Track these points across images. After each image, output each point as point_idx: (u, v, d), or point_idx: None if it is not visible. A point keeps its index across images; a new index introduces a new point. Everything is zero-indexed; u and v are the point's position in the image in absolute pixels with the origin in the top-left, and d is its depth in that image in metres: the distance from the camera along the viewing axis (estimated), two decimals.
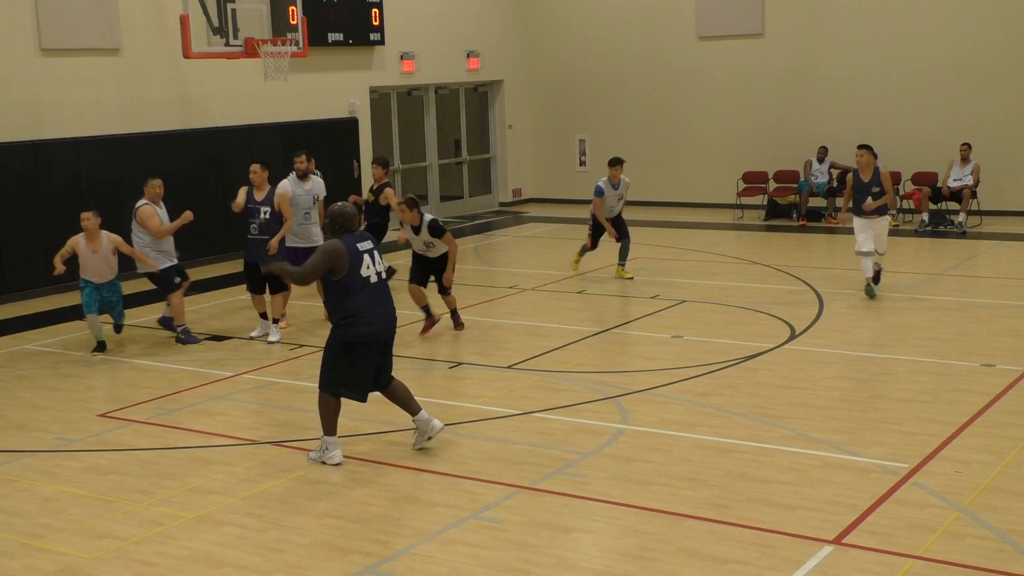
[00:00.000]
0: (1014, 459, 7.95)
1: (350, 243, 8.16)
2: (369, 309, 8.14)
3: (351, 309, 8.10)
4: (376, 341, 8.22)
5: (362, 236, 8.29)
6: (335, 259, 8.05)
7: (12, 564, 6.79)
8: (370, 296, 8.16)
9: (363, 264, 8.15)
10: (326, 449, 8.35)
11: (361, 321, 8.11)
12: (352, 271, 8.09)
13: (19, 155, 15.23)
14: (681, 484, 7.68)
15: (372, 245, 8.30)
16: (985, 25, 19.60)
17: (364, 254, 8.19)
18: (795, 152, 21.11)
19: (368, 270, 8.18)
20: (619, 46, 23.00)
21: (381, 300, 8.25)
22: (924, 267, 15.92)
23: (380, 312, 8.21)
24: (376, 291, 8.22)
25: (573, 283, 15.06)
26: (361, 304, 8.11)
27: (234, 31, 15.42)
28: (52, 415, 9.91)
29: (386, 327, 8.28)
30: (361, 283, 8.13)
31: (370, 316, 8.14)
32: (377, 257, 8.28)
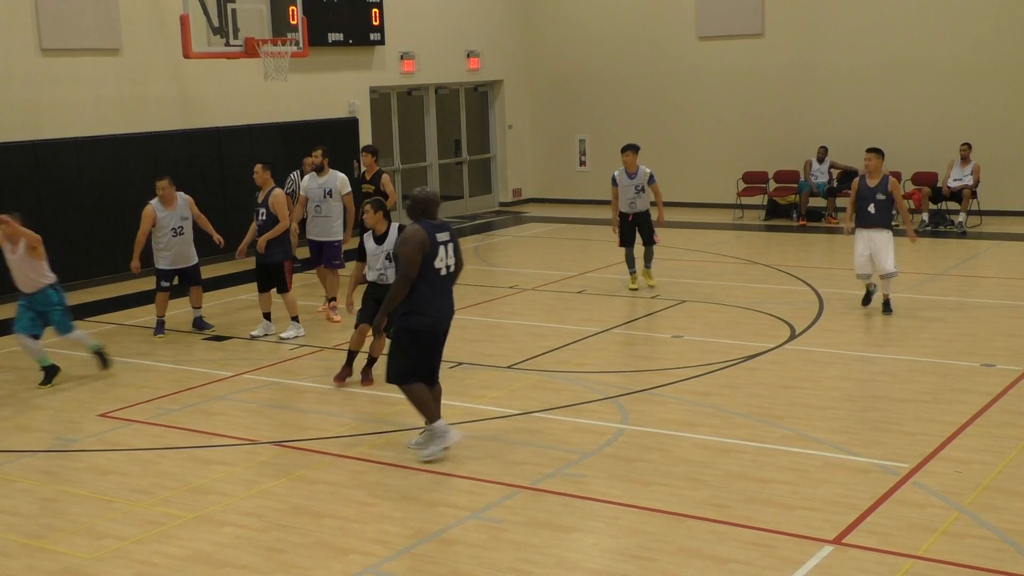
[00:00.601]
0: (1014, 459, 7.95)
1: (430, 231, 8.01)
2: (431, 300, 8.03)
3: (419, 298, 8.00)
4: (434, 332, 8.13)
5: (442, 226, 8.12)
6: (423, 245, 7.92)
7: (12, 564, 6.79)
8: (436, 288, 8.05)
9: (438, 256, 8.01)
10: (441, 436, 8.24)
11: (423, 312, 8.02)
12: (426, 261, 7.97)
13: (19, 155, 15.23)
14: (681, 484, 7.68)
15: (450, 237, 8.15)
16: (985, 25, 19.59)
17: (441, 245, 8.04)
18: (795, 152, 21.11)
19: (440, 262, 8.04)
20: (619, 46, 22.99)
21: (444, 293, 8.14)
22: (924, 267, 15.92)
23: (441, 304, 8.12)
24: (443, 284, 8.11)
25: (573, 283, 15.06)
26: (425, 295, 8.01)
27: (234, 31, 15.43)
28: (52, 415, 9.91)
29: (444, 319, 8.19)
30: (433, 274, 8.01)
31: (431, 307, 8.05)
32: (451, 250, 8.13)
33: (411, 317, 8.07)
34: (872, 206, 12.37)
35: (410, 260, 7.94)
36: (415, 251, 7.92)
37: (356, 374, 10.45)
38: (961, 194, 18.75)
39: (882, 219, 12.41)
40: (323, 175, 13.18)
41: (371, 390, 10.22)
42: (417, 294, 8.01)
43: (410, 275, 7.96)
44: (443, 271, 8.08)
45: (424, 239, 7.95)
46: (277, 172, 17.90)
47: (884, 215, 12.39)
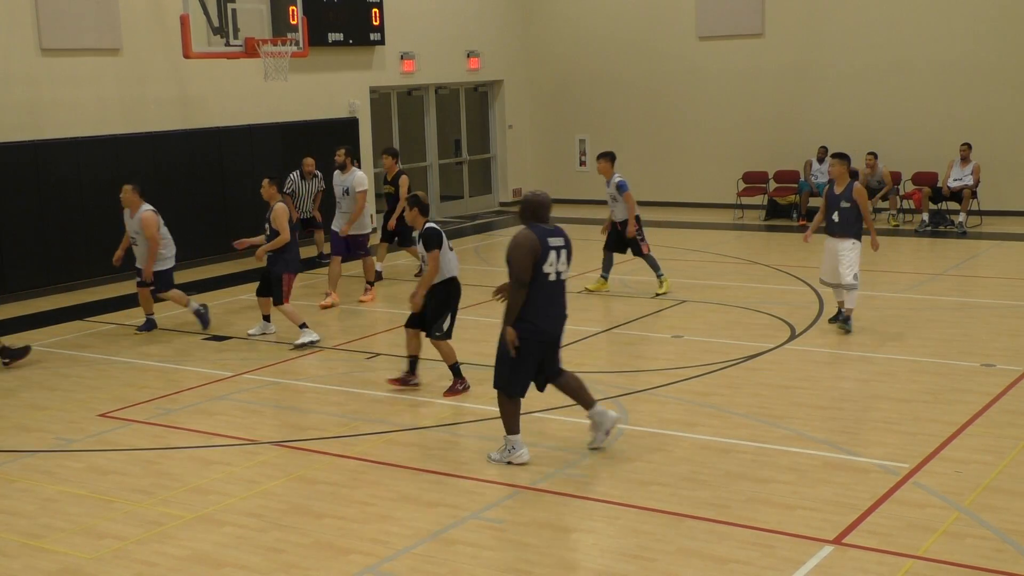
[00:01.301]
0: (1014, 459, 7.95)
1: (542, 235, 7.83)
2: (544, 307, 7.88)
3: (527, 308, 7.84)
4: (540, 341, 7.95)
5: (555, 231, 7.94)
6: (534, 250, 7.75)
7: (12, 564, 6.79)
8: (547, 294, 7.88)
9: (547, 260, 7.83)
10: (512, 448, 8.12)
11: (528, 319, 7.85)
12: (536, 266, 7.79)
13: (19, 155, 15.22)
14: (681, 484, 7.68)
15: (563, 242, 7.94)
16: (985, 25, 19.59)
17: (552, 250, 7.84)
18: (795, 152, 21.11)
19: (551, 267, 7.84)
20: (619, 46, 22.99)
21: (555, 299, 7.94)
22: (924, 267, 15.92)
23: (553, 311, 7.95)
24: (553, 290, 7.92)
25: (573, 283, 15.02)
26: (536, 301, 7.84)
27: (234, 31, 15.42)
28: (52, 415, 9.91)
29: (556, 327, 8.03)
30: (541, 279, 7.83)
31: (543, 315, 7.89)
32: (563, 256, 7.92)
33: (520, 324, 7.87)
34: (836, 214, 11.68)
35: (521, 265, 7.76)
36: (525, 256, 7.74)
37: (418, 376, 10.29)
38: (961, 194, 18.75)
39: (844, 228, 11.62)
40: (345, 173, 14.19)
41: (375, 391, 10.23)
42: (529, 300, 7.83)
43: (522, 280, 7.78)
44: (552, 276, 7.86)
45: (534, 243, 7.76)
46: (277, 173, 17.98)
47: (846, 223, 11.61)
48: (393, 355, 11.50)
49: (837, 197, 11.73)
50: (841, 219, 11.67)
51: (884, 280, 14.58)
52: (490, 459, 8.22)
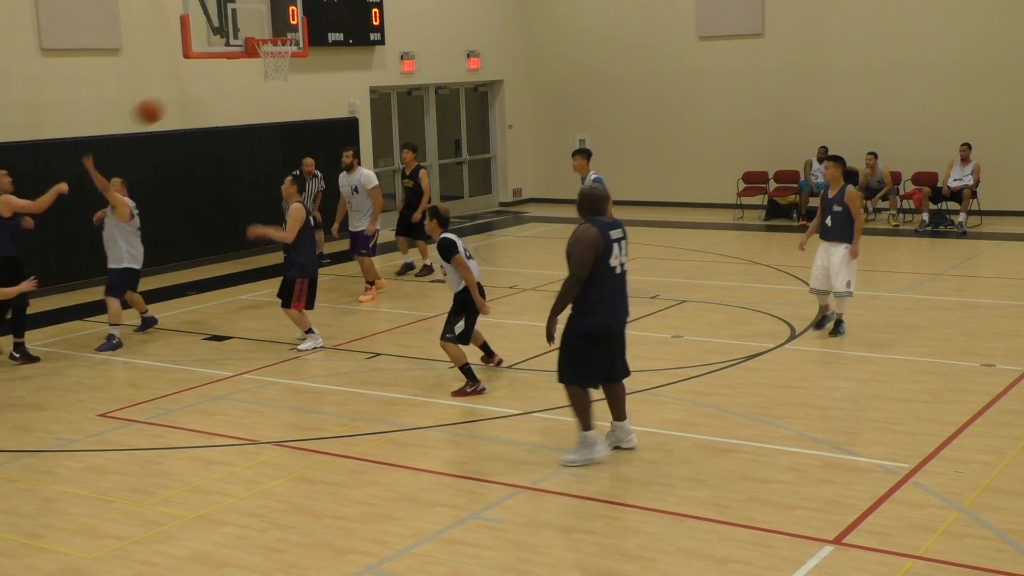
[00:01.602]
0: (1014, 459, 7.95)
1: (603, 229, 7.80)
2: (607, 300, 7.85)
3: (591, 299, 7.80)
4: (607, 335, 7.94)
5: (615, 223, 7.91)
6: (596, 246, 7.72)
7: (12, 564, 6.79)
8: (611, 287, 7.85)
9: (612, 254, 7.80)
10: (590, 446, 8.03)
11: (595, 313, 7.82)
12: (601, 260, 7.75)
13: (19, 155, 15.21)
14: (681, 484, 7.68)
15: (623, 234, 7.94)
16: (985, 25, 19.59)
17: (615, 243, 7.83)
18: (795, 152, 21.10)
19: (615, 260, 7.83)
20: (619, 46, 22.99)
21: (618, 292, 7.94)
22: (924, 267, 15.92)
23: (617, 303, 7.94)
24: (617, 283, 7.91)
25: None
26: (602, 295, 7.81)
27: (234, 31, 15.42)
28: (52, 415, 9.91)
29: (619, 319, 8.00)
30: (607, 273, 7.81)
31: (606, 307, 7.85)
32: (624, 248, 7.92)
33: (583, 318, 7.86)
34: (829, 218, 11.47)
35: (581, 261, 7.72)
36: (586, 251, 7.71)
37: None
38: (961, 194, 18.75)
39: (838, 232, 11.40)
40: (352, 173, 14.44)
41: (375, 391, 10.24)
42: (590, 294, 7.79)
43: (580, 276, 7.74)
44: (617, 269, 7.87)
45: (596, 239, 7.73)
46: (277, 173, 17.98)
47: (839, 228, 11.38)
48: (393, 355, 11.50)
49: (831, 201, 11.52)
50: (834, 223, 11.47)
51: (884, 280, 14.58)
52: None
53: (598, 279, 7.78)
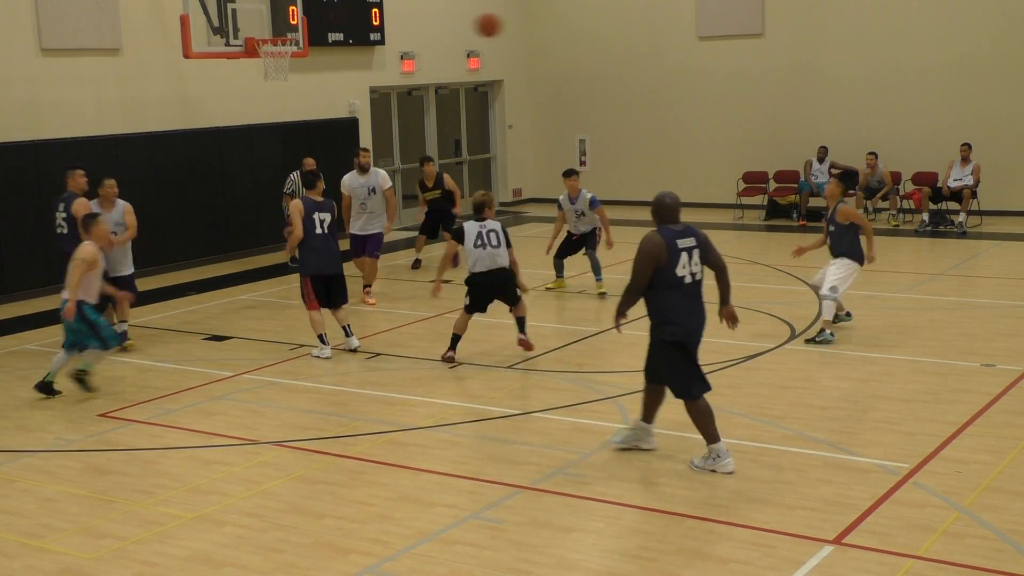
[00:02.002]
0: (1014, 459, 7.95)
1: (669, 237, 7.72)
2: (678, 308, 7.79)
3: (663, 309, 7.79)
4: (686, 342, 7.84)
5: (686, 231, 7.80)
6: (657, 255, 7.67)
7: (12, 564, 6.79)
8: (682, 296, 7.77)
9: (679, 263, 7.72)
10: (717, 457, 7.85)
11: (673, 321, 7.79)
12: (668, 268, 7.70)
13: (19, 155, 15.22)
14: (681, 484, 7.68)
15: (695, 243, 7.80)
16: (985, 25, 19.60)
17: (683, 252, 7.73)
18: (795, 152, 21.11)
19: (683, 269, 7.74)
20: (619, 46, 22.99)
21: (692, 300, 7.84)
22: (924, 267, 15.92)
23: (693, 312, 7.85)
24: (689, 291, 7.80)
25: (573, 283, 15.06)
26: (672, 304, 7.77)
27: (234, 31, 15.42)
28: (52, 415, 9.91)
29: (694, 328, 7.89)
30: (674, 282, 7.73)
31: (678, 316, 7.79)
32: (696, 257, 7.80)
33: (663, 328, 7.82)
34: (828, 236, 11.68)
35: (637, 271, 7.73)
36: (644, 263, 7.69)
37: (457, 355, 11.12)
38: (961, 194, 18.75)
39: (836, 249, 11.55)
40: (367, 174, 14.15)
41: (375, 391, 10.25)
42: (664, 303, 7.77)
43: (636, 286, 7.77)
44: (687, 278, 7.75)
45: (655, 250, 7.66)
46: (277, 173, 18.00)
47: (837, 245, 11.53)
48: (393, 355, 11.50)
49: (829, 219, 11.64)
50: (832, 241, 11.60)
51: (884, 280, 14.57)
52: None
53: (667, 288, 7.73)
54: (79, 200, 11.60)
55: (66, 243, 11.43)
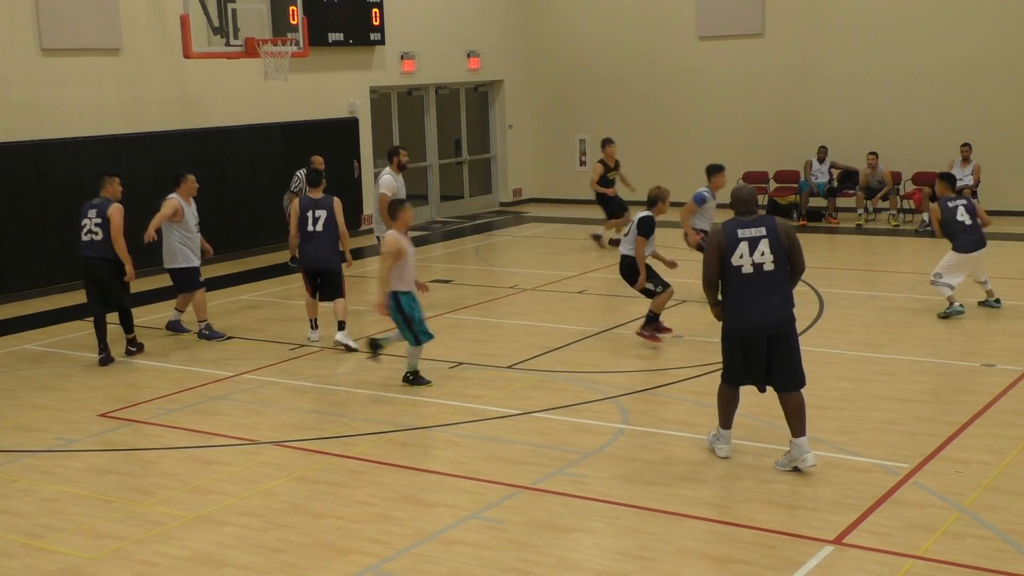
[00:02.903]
0: (1014, 459, 7.95)
1: (731, 228, 7.68)
2: (737, 301, 7.69)
3: (727, 300, 7.79)
4: (740, 338, 7.74)
5: (755, 221, 7.69)
6: (719, 247, 7.68)
7: (12, 564, 6.79)
8: (742, 288, 7.65)
9: (736, 252, 7.62)
10: (716, 439, 8.19)
11: (728, 314, 7.77)
12: (724, 258, 7.67)
13: (19, 155, 15.23)
14: (681, 484, 7.68)
15: (764, 232, 7.63)
16: (985, 26, 19.59)
17: (743, 241, 7.61)
18: (795, 152, 21.10)
19: (742, 259, 7.61)
20: (619, 46, 22.99)
21: (753, 293, 7.64)
22: (924, 267, 15.88)
23: (748, 305, 7.65)
24: (749, 283, 7.63)
25: (573, 283, 15.06)
26: (731, 295, 7.72)
27: (234, 31, 15.42)
28: (52, 415, 9.91)
29: (752, 322, 7.66)
30: (732, 272, 7.66)
31: (736, 309, 7.71)
32: (764, 246, 7.60)
33: (725, 318, 7.85)
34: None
35: (705, 263, 7.82)
36: (710, 254, 7.76)
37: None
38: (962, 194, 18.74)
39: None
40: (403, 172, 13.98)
41: (375, 391, 10.25)
42: (726, 294, 7.77)
43: (707, 276, 7.81)
44: (746, 267, 7.62)
45: (719, 240, 7.68)
46: (277, 173, 18.00)
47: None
48: (393, 355, 11.50)
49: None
50: None
51: (884, 280, 14.58)
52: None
53: (727, 279, 7.72)
54: (114, 206, 11.59)
55: (96, 249, 11.48)
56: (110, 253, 11.44)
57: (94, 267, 11.54)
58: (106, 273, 11.53)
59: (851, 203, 20.05)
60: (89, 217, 11.63)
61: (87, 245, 11.56)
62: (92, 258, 11.51)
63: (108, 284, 11.53)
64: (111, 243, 11.42)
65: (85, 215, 11.68)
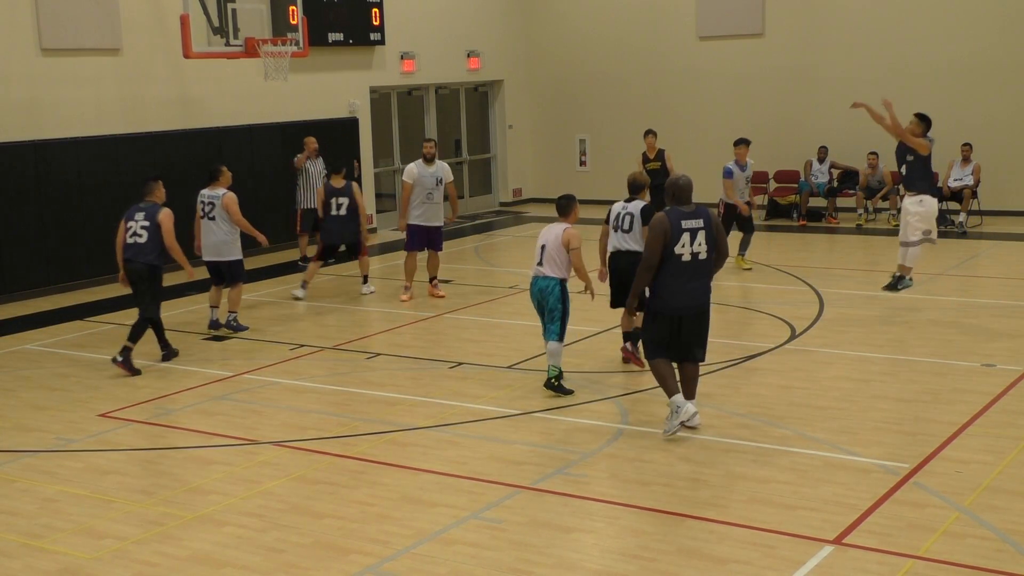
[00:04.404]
0: (1014, 459, 7.95)
1: (675, 218, 8.31)
2: (668, 284, 8.37)
3: (656, 282, 8.42)
4: (669, 316, 8.45)
5: (695, 213, 8.37)
6: (663, 233, 8.29)
7: (12, 564, 6.79)
8: (675, 273, 8.34)
9: (679, 242, 8.28)
10: (677, 409, 8.54)
11: (659, 295, 8.45)
12: (667, 246, 8.29)
13: (19, 155, 15.22)
14: (681, 484, 7.68)
15: (702, 224, 8.33)
16: (986, 25, 19.59)
17: (686, 232, 8.29)
18: (795, 152, 21.11)
19: (683, 248, 8.29)
20: (619, 46, 22.99)
21: (686, 278, 8.36)
22: (924, 267, 15.89)
23: (679, 288, 8.37)
24: (684, 269, 8.33)
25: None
26: (663, 279, 8.37)
27: (234, 31, 15.42)
28: (52, 415, 9.90)
29: (683, 304, 8.41)
30: (672, 259, 8.31)
31: (667, 291, 8.38)
32: (700, 238, 8.31)
33: (651, 299, 8.55)
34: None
35: (649, 247, 8.41)
36: (654, 239, 8.33)
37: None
38: (962, 194, 18.76)
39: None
40: (432, 164, 14.17)
41: (375, 391, 10.25)
42: (657, 278, 8.40)
43: (649, 262, 8.40)
44: (685, 256, 8.31)
45: (664, 227, 8.28)
46: (277, 173, 17.99)
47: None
48: (393, 355, 11.51)
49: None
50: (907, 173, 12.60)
51: (884, 280, 14.56)
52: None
53: (664, 265, 8.34)
54: (164, 211, 11.57)
55: (137, 252, 11.35)
56: (150, 258, 11.33)
57: (130, 270, 11.41)
58: (141, 277, 11.37)
59: (851, 203, 20.05)
60: (135, 220, 11.49)
61: (129, 247, 11.42)
62: (130, 260, 11.37)
63: (139, 287, 11.39)
64: (153, 247, 11.34)
65: (131, 217, 11.55)
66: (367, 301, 14.34)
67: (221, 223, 12.48)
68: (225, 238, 12.51)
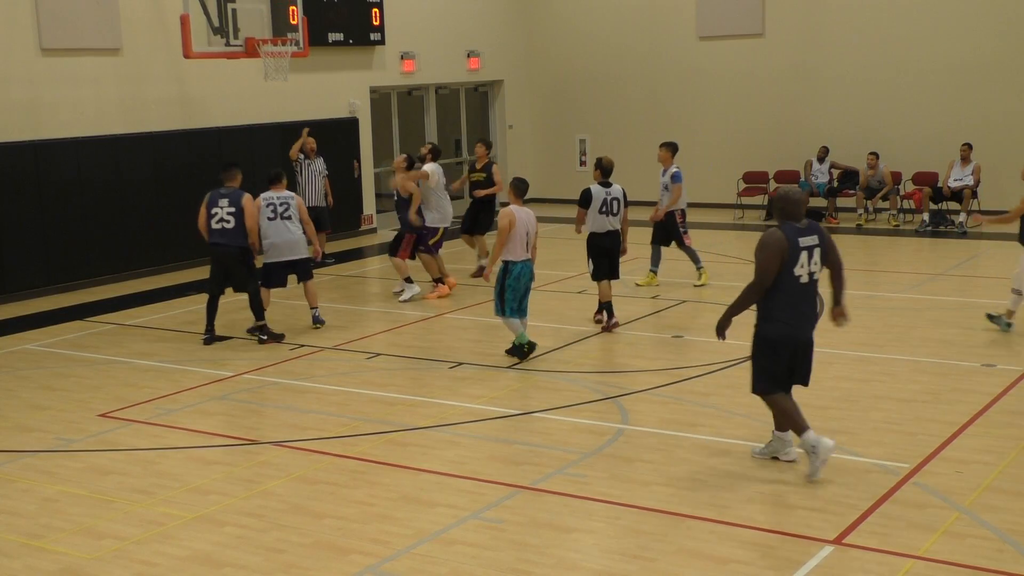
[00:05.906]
0: (1014, 459, 7.95)
1: (792, 236, 7.56)
2: (786, 308, 7.59)
3: (770, 306, 7.62)
4: (787, 344, 7.66)
5: (808, 229, 7.64)
6: (782, 252, 7.49)
7: (12, 564, 6.79)
8: (794, 296, 7.58)
9: (798, 262, 7.52)
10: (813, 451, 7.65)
11: (776, 319, 7.62)
12: (785, 267, 7.51)
13: (19, 155, 15.22)
14: (681, 484, 7.68)
15: (817, 241, 7.63)
16: (985, 25, 19.60)
17: (804, 251, 7.55)
18: (795, 152, 21.11)
19: (801, 269, 7.54)
20: (619, 46, 22.99)
21: (804, 301, 7.64)
22: (924, 267, 15.92)
23: (798, 312, 7.63)
24: (802, 292, 7.60)
25: (573, 283, 15.06)
26: (780, 302, 7.58)
27: (234, 31, 15.42)
28: (52, 415, 9.90)
29: (802, 329, 7.68)
30: (789, 281, 7.54)
31: (785, 315, 7.60)
32: (816, 256, 7.61)
33: (765, 324, 7.70)
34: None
35: (764, 268, 7.54)
36: (771, 259, 7.51)
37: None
38: (962, 194, 18.76)
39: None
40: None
41: (375, 391, 10.26)
42: (772, 301, 7.61)
43: (763, 282, 7.56)
44: (803, 278, 7.56)
45: (783, 245, 7.51)
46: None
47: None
48: (393, 355, 11.51)
49: None
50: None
51: (884, 280, 14.58)
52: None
53: (781, 286, 7.55)
54: (247, 196, 12.14)
55: (227, 236, 12.01)
56: (239, 240, 12.03)
57: (221, 254, 12.10)
58: (233, 260, 12.09)
59: (851, 203, 20.06)
60: (220, 206, 12.09)
61: (217, 232, 12.07)
62: (220, 245, 12.04)
63: (233, 270, 12.11)
64: (242, 231, 12.00)
65: (215, 204, 12.14)
66: (368, 301, 14.33)
67: (297, 222, 12.61)
68: (301, 236, 12.65)
